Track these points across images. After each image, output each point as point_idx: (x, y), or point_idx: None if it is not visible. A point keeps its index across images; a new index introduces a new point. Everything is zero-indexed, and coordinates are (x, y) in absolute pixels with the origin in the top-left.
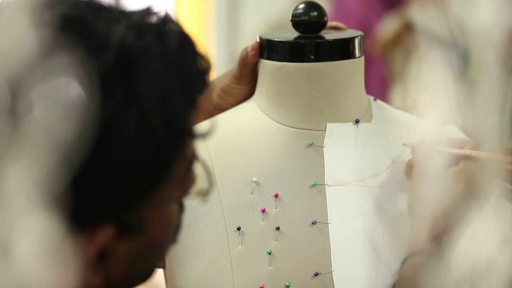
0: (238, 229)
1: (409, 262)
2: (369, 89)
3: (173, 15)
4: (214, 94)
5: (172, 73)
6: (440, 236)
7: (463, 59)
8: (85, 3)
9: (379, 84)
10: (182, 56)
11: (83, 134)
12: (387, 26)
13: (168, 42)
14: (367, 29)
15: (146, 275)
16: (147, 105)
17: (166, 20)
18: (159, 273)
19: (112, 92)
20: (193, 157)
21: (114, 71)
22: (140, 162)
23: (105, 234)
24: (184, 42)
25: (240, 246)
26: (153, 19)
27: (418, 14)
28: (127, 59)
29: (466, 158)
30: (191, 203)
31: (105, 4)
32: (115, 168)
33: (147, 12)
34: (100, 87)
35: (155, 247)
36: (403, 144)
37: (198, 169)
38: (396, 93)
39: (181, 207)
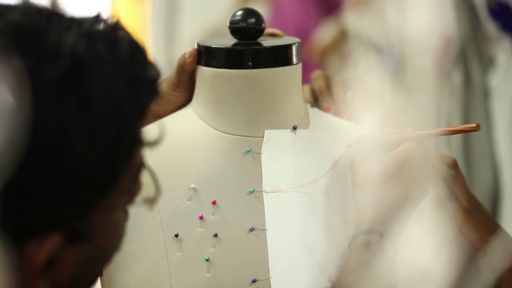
0: (176, 236)
1: (356, 241)
2: None
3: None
4: None
5: (123, 81)
6: (384, 220)
7: (399, 65)
8: (37, 10)
9: None
10: (133, 64)
11: (15, 142)
12: (324, 33)
13: (119, 50)
14: (305, 36)
15: (91, 282)
16: (98, 113)
17: (116, 28)
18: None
19: (63, 100)
20: (141, 165)
21: (65, 79)
22: (91, 170)
23: (53, 242)
24: (135, 50)
25: (178, 253)
26: (103, 27)
27: (355, 21)
28: (78, 67)
29: (406, 139)
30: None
31: (56, 12)
32: (66, 176)
33: (97, 19)
34: (52, 95)
35: (102, 254)
36: (348, 146)
37: (144, 176)
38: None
39: (125, 215)
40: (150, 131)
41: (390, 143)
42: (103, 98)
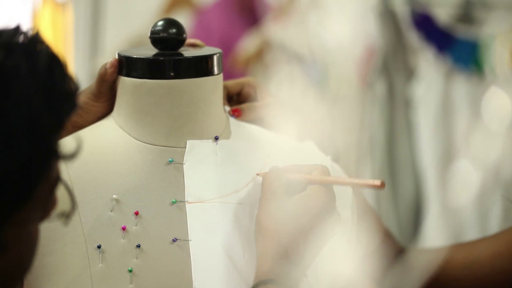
0: (99, 247)
1: None
2: None
3: (42, 35)
4: None
5: (40, 93)
6: (288, 255)
7: (322, 75)
8: None
9: None
10: (51, 77)
11: None
12: (248, 43)
13: (37, 62)
14: (229, 46)
15: None
16: (14, 124)
17: (36, 40)
18: None
19: None
20: (57, 179)
21: None
22: (5, 182)
23: None
24: (54, 63)
25: (100, 264)
26: (23, 39)
27: (278, 32)
28: None
29: (314, 183)
30: (51, 220)
31: None
32: None
33: (17, 31)
34: None
35: (15, 269)
36: (257, 174)
37: (60, 190)
38: None
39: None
40: (67, 143)
41: (298, 183)
42: (19, 109)
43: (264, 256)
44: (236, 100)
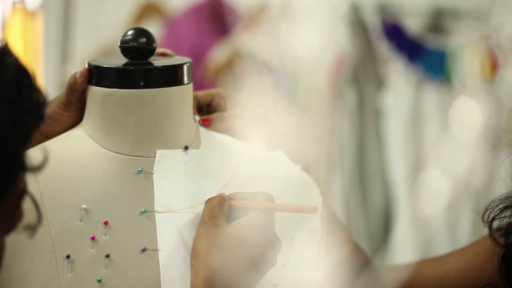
0: (68, 257)
1: None
2: None
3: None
4: None
5: (7, 106)
6: (221, 281)
7: (292, 85)
8: None
9: None
10: (19, 89)
11: None
12: (219, 53)
13: (5, 75)
14: (199, 56)
15: None
16: None
17: (4, 52)
18: None
19: None
20: (23, 191)
21: None
22: None
23: None
24: (21, 75)
25: (69, 274)
26: None
27: (249, 41)
28: None
29: (255, 209)
30: (17, 232)
31: None
32: None
33: None
34: None
35: None
36: (206, 201)
37: (27, 203)
38: None
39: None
40: (35, 154)
41: (240, 210)
42: None
43: (197, 281)
44: (206, 111)
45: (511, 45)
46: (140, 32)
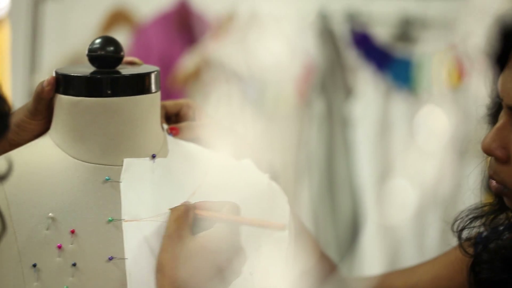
0: (34, 265)
1: None
2: None
3: None
4: None
5: None
6: None
7: (260, 93)
8: None
9: None
10: None
11: None
12: (187, 61)
13: None
14: (168, 64)
15: None
16: None
17: None
18: None
19: None
20: None
21: None
22: None
23: None
24: None
25: (36, 283)
26: None
27: (217, 50)
28: None
29: (221, 221)
30: None
31: None
32: None
33: None
34: None
35: None
36: (169, 209)
37: None
38: None
39: None
40: (0, 163)
41: (205, 220)
42: None
43: None
44: (174, 121)
45: (478, 54)
46: (108, 41)
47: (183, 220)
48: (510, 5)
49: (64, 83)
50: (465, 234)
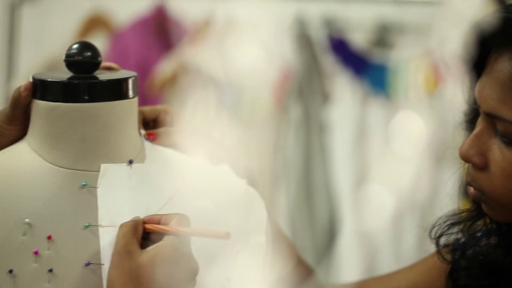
0: (10, 271)
1: None
2: None
3: None
4: None
5: None
6: None
7: (237, 99)
8: None
9: None
10: None
11: None
12: (164, 67)
13: None
14: (145, 69)
15: None
16: None
17: None
18: None
19: None
20: None
21: None
22: None
23: None
24: None
25: None
26: None
27: (194, 55)
28: None
29: (169, 233)
30: None
31: None
32: None
33: None
34: None
35: None
36: (119, 226)
37: None
38: None
39: None
40: None
41: (154, 234)
42: None
43: None
44: (152, 127)
45: (454, 59)
46: (85, 46)
47: (131, 235)
48: (486, 11)
49: (41, 89)
50: (443, 240)
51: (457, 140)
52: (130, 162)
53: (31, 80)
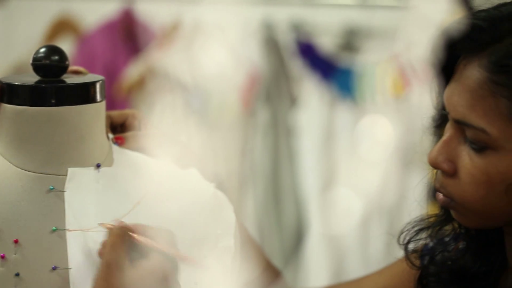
0: None
1: None
2: None
3: None
4: None
5: None
6: None
7: (204, 102)
8: None
9: None
10: None
11: None
12: (132, 71)
13: None
14: (112, 73)
15: None
16: None
17: None
18: None
19: None
20: None
21: None
22: None
23: None
24: None
25: None
26: None
27: (162, 59)
28: None
29: (156, 250)
30: None
31: None
32: None
33: None
34: None
35: None
36: (99, 224)
37: None
38: None
39: None
40: None
41: (138, 245)
42: None
43: None
44: (120, 131)
45: (421, 63)
46: (53, 50)
47: (121, 247)
48: (452, 16)
49: (8, 92)
50: (411, 246)
51: (425, 145)
52: (98, 166)
53: None
